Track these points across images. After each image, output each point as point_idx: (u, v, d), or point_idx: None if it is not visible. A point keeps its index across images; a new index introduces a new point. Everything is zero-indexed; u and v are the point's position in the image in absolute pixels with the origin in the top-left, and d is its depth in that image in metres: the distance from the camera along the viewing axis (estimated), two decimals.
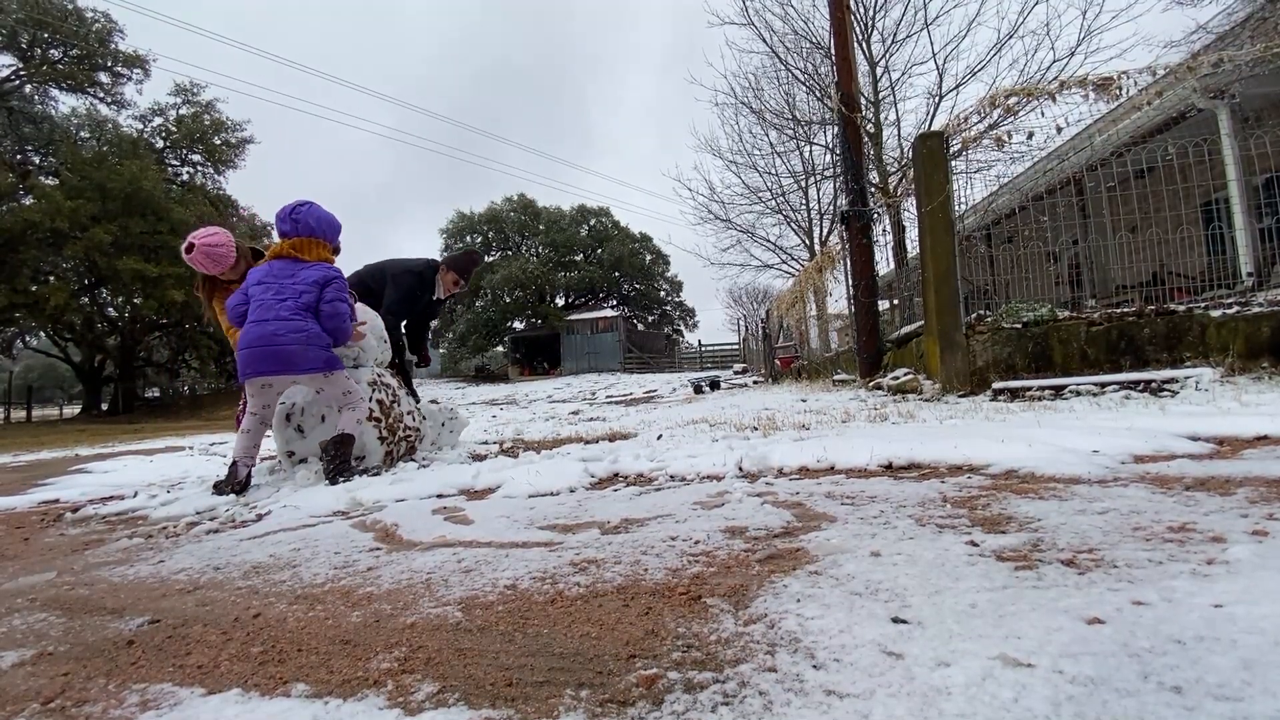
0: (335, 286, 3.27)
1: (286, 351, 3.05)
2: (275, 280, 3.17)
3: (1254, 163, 5.19)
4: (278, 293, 3.13)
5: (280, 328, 3.05)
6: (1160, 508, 1.41)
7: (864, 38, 12.34)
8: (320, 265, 3.28)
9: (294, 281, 3.17)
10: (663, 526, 1.69)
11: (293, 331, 3.07)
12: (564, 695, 0.83)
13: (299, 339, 3.07)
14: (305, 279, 3.19)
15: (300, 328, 3.09)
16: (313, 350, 3.11)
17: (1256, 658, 0.73)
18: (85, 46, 20.86)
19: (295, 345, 3.06)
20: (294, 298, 3.13)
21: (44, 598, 1.57)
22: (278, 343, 3.03)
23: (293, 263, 3.25)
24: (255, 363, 3.04)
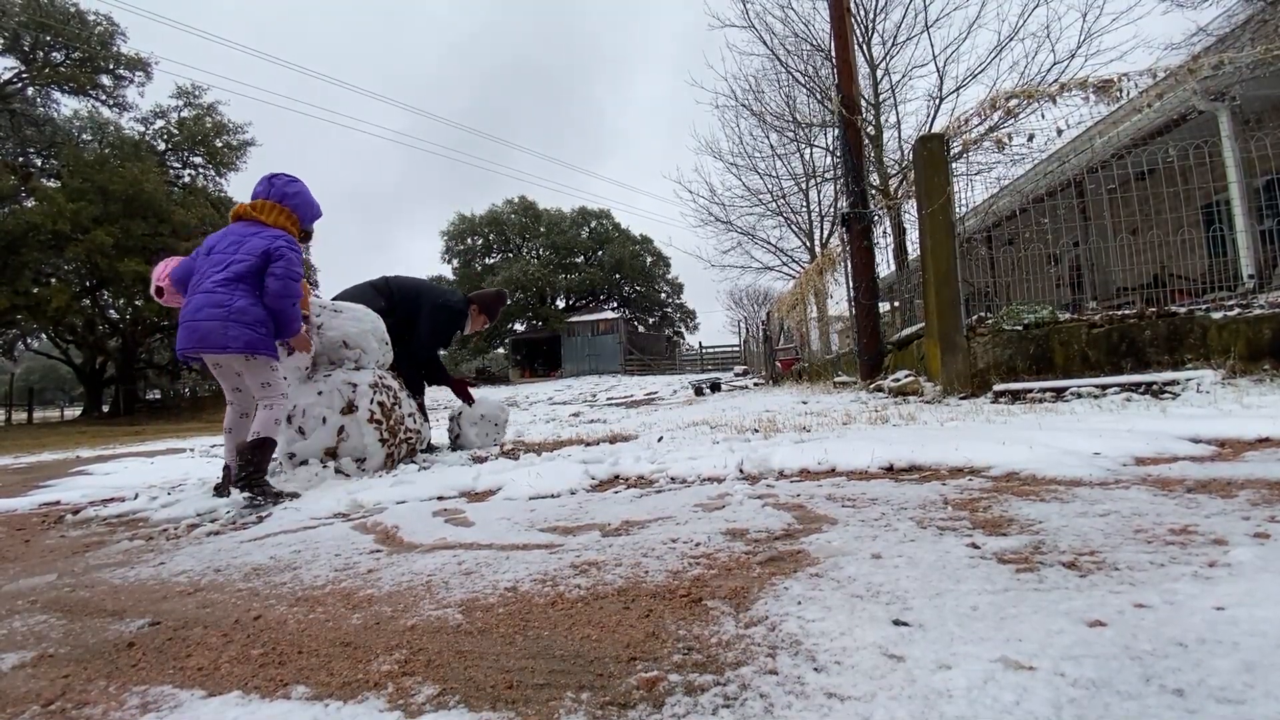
0: (283, 260, 2.88)
1: (203, 328, 2.75)
2: (222, 249, 2.89)
3: (1255, 165, 5.19)
4: (217, 262, 2.85)
5: (202, 301, 2.78)
6: (1162, 510, 1.40)
7: (864, 40, 12.36)
8: (272, 233, 2.93)
9: (237, 249, 2.87)
10: (663, 529, 1.69)
11: (212, 305, 2.76)
12: (564, 698, 0.83)
13: (218, 314, 2.75)
14: (250, 248, 2.87)
15: (221, 301, 2.77)
16: (232, 328, 2.76)
17: (1258, 660, 0.73)
18: (87, 49, 20.90)
19: (213, 321, 2.75)
20: (225, 267, 2.83)
21: (45, 600, 1.57)
22: (197, 318, 2.76)
23: (248, 226, 2.96)
24: (181, 339, 2.81)
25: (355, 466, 3.46)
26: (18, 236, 17.74)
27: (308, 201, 3.15)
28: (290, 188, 3.08)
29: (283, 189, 3.06)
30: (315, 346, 3.73)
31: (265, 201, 3.02)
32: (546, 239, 39.69)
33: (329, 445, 3.45)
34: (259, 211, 2.99)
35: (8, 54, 20.10)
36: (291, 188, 3.08)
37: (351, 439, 3.48)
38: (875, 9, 12.30)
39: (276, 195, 3.04)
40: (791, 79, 13.64)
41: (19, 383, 33.04)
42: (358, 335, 3.80)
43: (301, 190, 3.12)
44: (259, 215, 2.98)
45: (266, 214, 2.99)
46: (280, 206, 3.03)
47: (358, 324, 3.83)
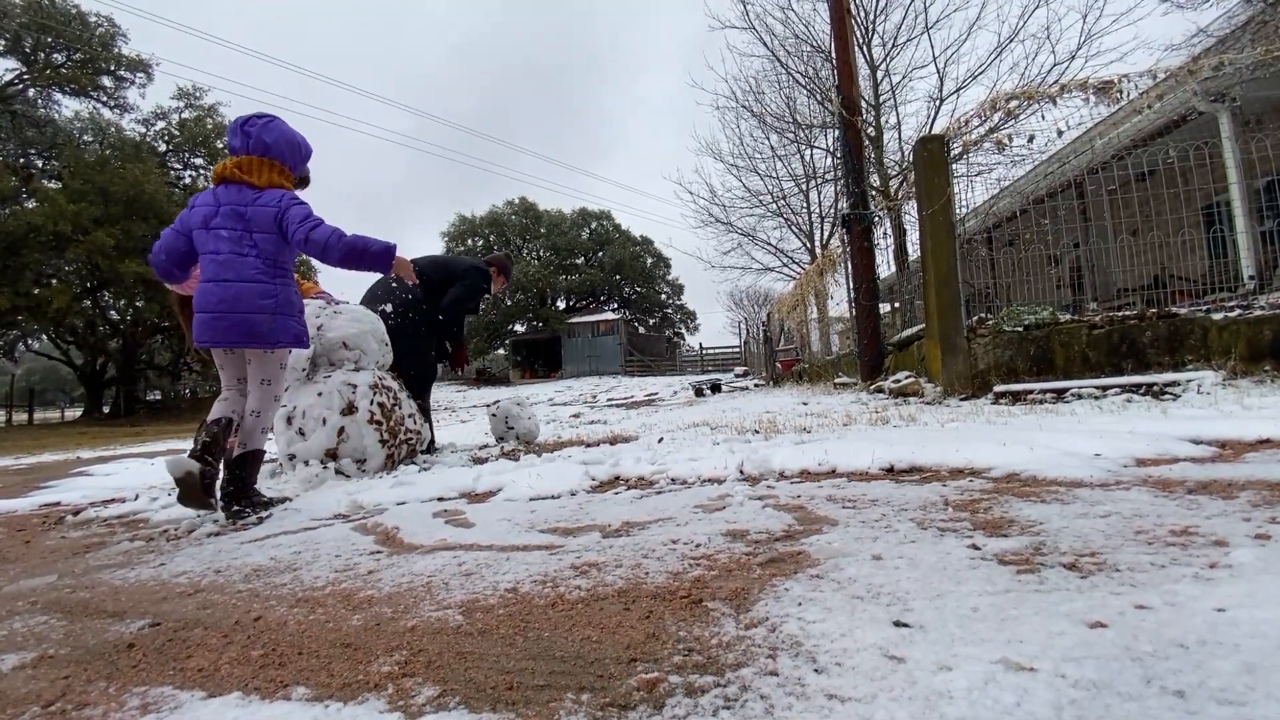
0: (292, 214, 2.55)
1: (252, 321, 2.50)
2: (229, 224, 2.53)
3: (1255, 166, 5.19)
4: (237, 245, 2.51)
5: (244, 291, 2.49)
6: (1162, 511, 1.40)
7: (865, 41, 12.38)
8: (272, 195, 2.58)
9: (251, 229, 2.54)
10: (664, 530, 1.69)
11: (262, 297, 2.51)
12: (565, 699, 0.83)
13: (267, 305, 2.51)
14: (261, 223, 2.53)
15: (269, 291, 2.52)
16: (282, 321, 2.55)
17: (1259, 661, 0.73)
18: (88, 50, 20.94)
19: (262, 314, 2.51)
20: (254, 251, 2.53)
21: (45, 600, 1.57)
22: (242, 309, 2.48)
23: (240, 190, 2.58)
24: (216, 332, 2.50)
25: (355, 467, 3.47)
26: (19, 237, 17.75)
27: (292, 142, 2.72)
28: (267, 134, 2.64)
29: (260, 137, 2.62)
30: (314, 347, 3.73)
31: (250, 159, 2.61)
32: (547, 240, 39.72)
33: (329, 446, 3.45)
34: (247, 172, 2.60)
35: (9, 55, 20.14)
36: (269, 133, 2.64)
37: (351, 440, 3.49)
38: (875, 10, 12.32)
39: (258, 148, 2.62)
40: (792, 80, 13.65)
41: (19, 384, 33.06)
42: (357, 336, 3.80)
43: (281, 132, 2.68)
44: (248, 177, 2.59)
45: (256, 174, 2.61)
46: (268, 161, 2.63)
47: (357, 325, 3.84)
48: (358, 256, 2.53)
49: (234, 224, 2.52)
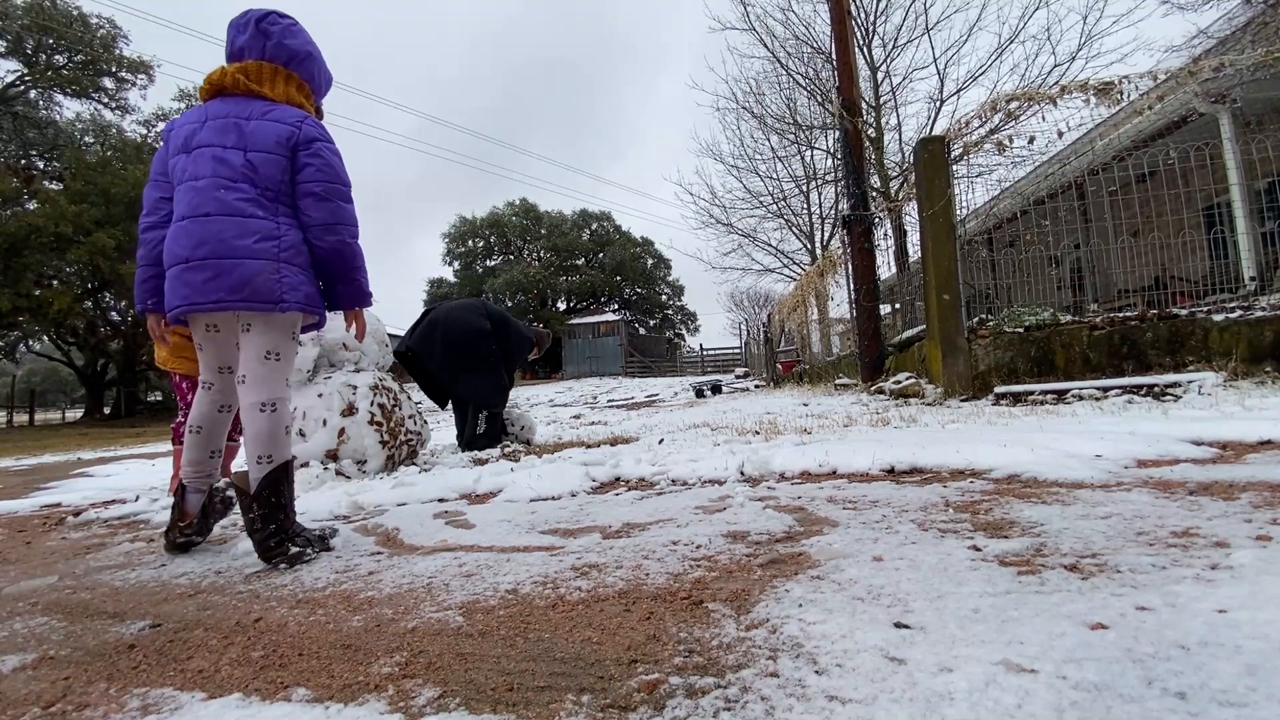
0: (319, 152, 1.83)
1: (247, 271, 1.72)
2: (216, 141, 1.79)
3: (1256, 167, 5.20)
4: (221, 165, 1.76)
5: (233, 230, 1.73)
6: (1164, 513, 1.40)
7: (865, 43, 12.40)
8: (290, 110, 1.87)
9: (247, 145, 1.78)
10: (664, 531, 1.69)
11: (260, 237, 1.75)
12: (565, 700, 0.83)
13: (268, 250, 1.75)
14: (264, 139, 1.79)
15: (270, 230, 1.77)
16: (288, 274, 1.78)
17: (1261, 663, 0.73)
18: (90, 52, 20.98)
19: (263, 260, 1.74)
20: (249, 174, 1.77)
21: (45, 601, 1.57)
22: (228, 253, 1.71)
23: (246, 102, 1.84)
24: (194, 289, 1.72)
25: (356, 468, 3.47)
26: (20, 239, 17.77)
27: (319, 60, 2.04)
28: (292, 39, 1.93)
29: (284, 40, 1.91)
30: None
31: (263, 65, 1.88)
32: (547, 241, 39.75)
33: (329, 447, 3.45)
34: (257, 80, 1.87)
35: (10, 57, 20.17)
36: (294, 38, 1.94)
37: (352, 441, 3.49)
38: (876, 11, 12.35)
39: (280, 54, 1.91)
40: (792, 81, 13.69)
41: (20, 385, 33.09)
42: None
43: (311, 46, 2.00)
44: (259, 87, 1.87)
45: (269, 84, 1.89)
46: (286, 71, 1.92)
47: None
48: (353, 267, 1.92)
49: (224, 139, 1.79)
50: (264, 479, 1.74)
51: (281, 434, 1.80)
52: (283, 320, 1.83)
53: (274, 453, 1.77)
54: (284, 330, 1.84)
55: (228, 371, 1.95)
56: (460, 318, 4.70)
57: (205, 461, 1.95)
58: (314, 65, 2.00)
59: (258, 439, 1.76)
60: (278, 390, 1.81)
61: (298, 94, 1.94)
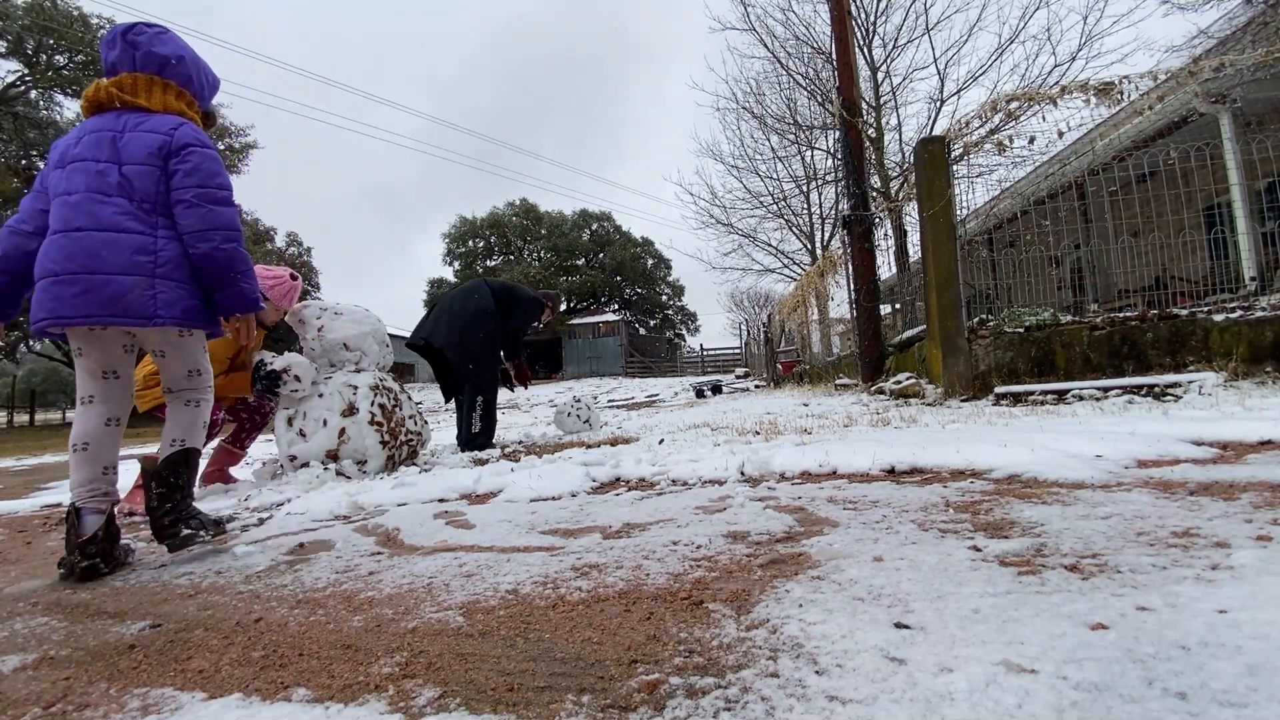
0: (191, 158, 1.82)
1: (116, 286, 1.72)
2: (89, 155, 1.79)
3: (1256, 167, 5.19)
4: (95, 178, 1.77)
5: (102, 242, 1.72)
6: (1164, 513, 1.40)
7: (865, 43, 12.40)
8: (165, 119, 1.86)
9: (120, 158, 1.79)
10: (665, 531, 1.69)
11: (135, 251, 1.75)
12: (565, 700, 0.83)
13: (143, 265, 1.75)
14: (137, 150, 1.79)
15: (145, 245, 1.76)
16: (164, 289, 1.77)
17: (1262, 663, 0.73)
18: (90, 52, 20.98)
19: (132, 276, 1.74)
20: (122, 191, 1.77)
21: (45, 602, 1.57)
22: (99, 268, 1.71)
23: (119, 116, 1.85)
24: (61, 302, 1.71)
25: (356, 469, 3.47)
26: None
27: (196, 63, 2.02)
28: (161, 46, 1.92)
29: (151, 49, 1.91)
30: (313, 346, 3.71)
31: (138, 76, 1.89)
32: (548, 241, 39.76)
33: (330, 447, 3.45)
34: (132, 92, 1.87)
35: (11, 57, 20.20)
36: (163, 45, 1.93)
37: (352, 441, 3.49)
38: (876, 12, 12.35)
39: (150, 63, 1.90)
40: (792, 81, 13.69)
41: (21, 385, 33.09)
42: (358, 337, 3.80)
43: (182, 50, 1.98)
44: (133, 98, 1.87)
45: (144, 94, 1.88)
46: (163, 80, 1.92)
47: (358, 326, 3.84)
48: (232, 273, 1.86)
49: (98, 153, 1.79)
50: (166, 459, 1.85)
51: (199, 425, 1.96)
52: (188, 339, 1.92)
53: (186, 438, 1.91)
54: (194, 347, 1.95)
55: (112, 377, 1.87)
56: (464, 299, 4.91)
57: (99, 479, 1.81)
58: (188, 68, 1.98)
59: (177, 425, 1.92)
60: (201, 393, 1.99)
61: (177, 101, 1.94)
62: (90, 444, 1.82)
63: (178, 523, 1.83)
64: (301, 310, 3.83)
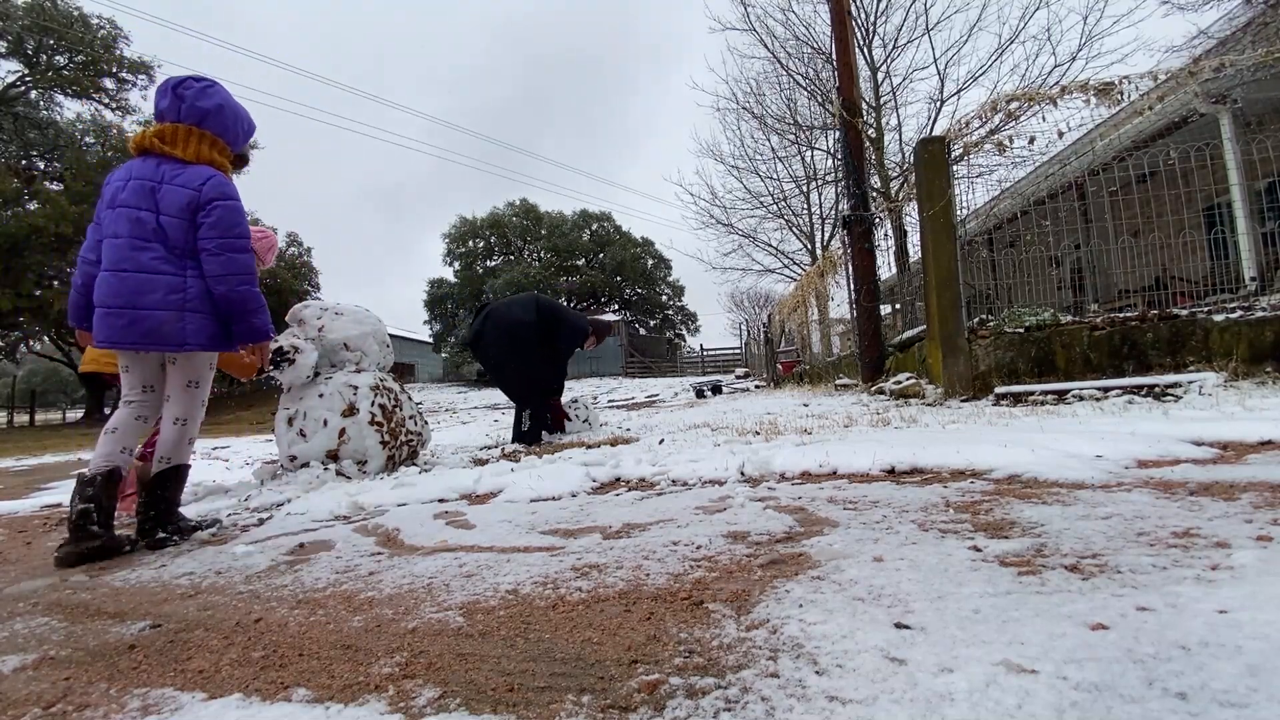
0: (214, 216, 2.13)
1: (155, 319, 2.08)
2: (134, 203, 2.12)
3: (1256, 167, 5.19)
4: (136, 226, 2.10)
5: (142, 283, 2.08)
6: (1164, 513, 1.40)
7: (865, 43, 12.40)
8: (196, 174, 2.16)
9: (159, 209, 2.12)
10: (665, 531, 1.69)
11: (168, 291, 2.09)
12: (565, 700, 0.83)
13: (174, 301, 2.10)
14: (172, 204, 2.12)
15: (176, 285, 2.11)
16: (191, 320, 2.12)
17: (1262, 663, 0.73)
18: (90, 53, 20.99)
19: (167, 311, 2.09)
20: (159, 237, 2.12)
21: (46, 602, 1.57)
22: (141, 304, 2.07)
23: (160, 163, 2.17)
24: (114, 330, 2.09)
25: (356, 469, 3.47)
26: (21, 239, 17.79)
27: (235, 113, 2.32)
28: (205, 100, 2.23)
29: (195, 103, 2.21)
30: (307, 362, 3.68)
31: (178, 126, 2.19)
32: (548, 242, 39.73)
33: (330, 448, 3.45)
34: (171, 143, 2.18)
35: (11, 57, 20.20)
36: (207, 99, 2.23)
37: (353, 441, 3.49)
38: (876, 12, 12.35)
39: (191, 115, 2.20)
40: (792, 82, 13.68)
41: (21, 385, 33.11)
42: (358, 338, 3.80)
43: (223, 100, 2.28)
44: (171, 149, 2.18)
45: (182, 145, 2.19)
46: (199, 130, 2.21)
47: (358, 326, 3.84)
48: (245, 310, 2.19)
49: (140, 202, 2.12)
50: (157, 475, 2.21)
51: (184, 443, 2.25)
52: (201, 356, 2.25)
53: (172, 456, 2.23)
54: (201, 364, 2.28)
55: (149, 390, 2.28)
56: (506, 312, 5.01)
57: (115, 454, 2.18)
58: (225, 117, 2.28)
59: (165, 443, 2.22)
60: (193, 410, 2.27)
61: (209, 150, 2.24)
62: (118, 429, 2.21)
63: (157, 527, 2.18)
64: (301, 310, 3.83)
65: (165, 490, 2.22)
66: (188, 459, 2.29)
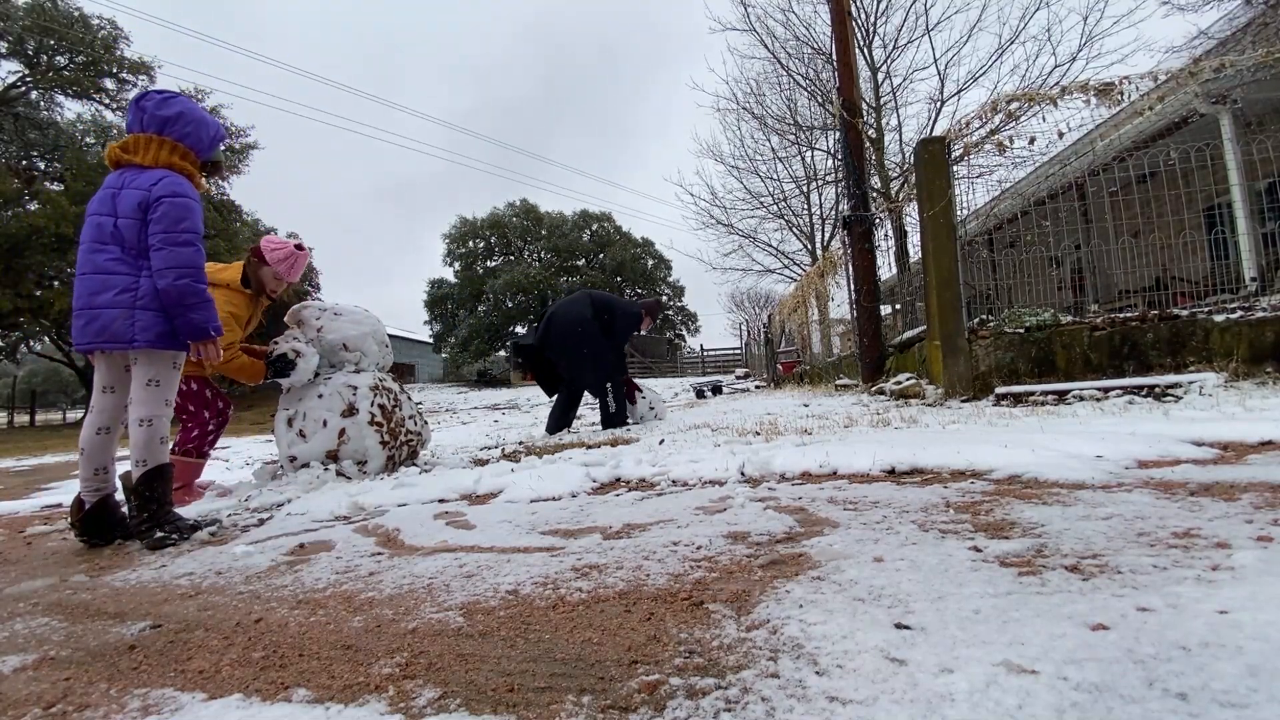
0: (161, 205, 2.19)
1: (105, 317, 2.17)
2: (95, 210, 2.26)
3: (1256, 167, 5.19)
4: (97, 229, 2.22)
5: (98, 284, 2.19)
6: (1165, 513, 1.40)
7: (866, 43, 12.40)
8: (150, 176, 2.25)
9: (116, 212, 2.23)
10: (665, 532, 1.69)
11: (116, 290, 2.18)
12: (565, 701, 0.83)
13: (124, 300, 2.18)
14: (126, 205, 2.21)
15: (127, 284, 2.19)
16: (141, 317, 2.19)
17: (1262, 664, 0.73)
18: (91, 53, 20.99)
19: (117, 309, 2.18)
20: (115, 239, 2.21)
21: (46, 602, 1.57)
22: (96, 304, 2.18)
23: (123, 172, 2.29)
24: (78, 331, 2.22)
25: (356, 469, 3.47)
26: (21, 239, 17.78)
27: (197, 120, 2.41)
28: (165, 109, 2.33)
29: (156, 112, 2.32)
30: (311, 357, 3.69)
31: (139, 136, 2.31)
32: (548, 242, 39.72)
33: (330, 448, 3.45)
34: (132, 151, 2.30)
35: (11, 58, 20.19)
36: (167, 108, 2.34)
37: (352, 441, 3.49)
38: (876, 12, 12.35)
39: (152, 124, 2.32)
40: (793, 82, 13.69)
41: (22, 385, 33.11)
42: (357, 338, 3.80)
43: (183, 109, 2.38)
44: (133, 156, 2.29)
45: (142, 152, 2.30)
46: (160, 138, 2.32)
47: (357, 326, 3.84)
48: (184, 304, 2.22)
49: (101, 208, 2.25)
50: (141, 477, 2.23)
51: (156, 443, 2.25)
52: (163, 354, 2.28)
53: (148, 458, 2.24)
54: (161, 363, 2.28)
55: (107, 391, 2.33)
56: (566, 311, 5.57)
57: (92, 478, 2.28)
58: (186, 124, 2.36)
59: (136, 446, 2.23)
60: (155, 409, 2.26)
61: (170, 155, 2.33)
62: (86, 449, 2.29)
63: (154, 528, 2.20)
64: (301, 311, 3.83)
65: (152, 491, 2.24)
66: (165, 458, 2.29)
